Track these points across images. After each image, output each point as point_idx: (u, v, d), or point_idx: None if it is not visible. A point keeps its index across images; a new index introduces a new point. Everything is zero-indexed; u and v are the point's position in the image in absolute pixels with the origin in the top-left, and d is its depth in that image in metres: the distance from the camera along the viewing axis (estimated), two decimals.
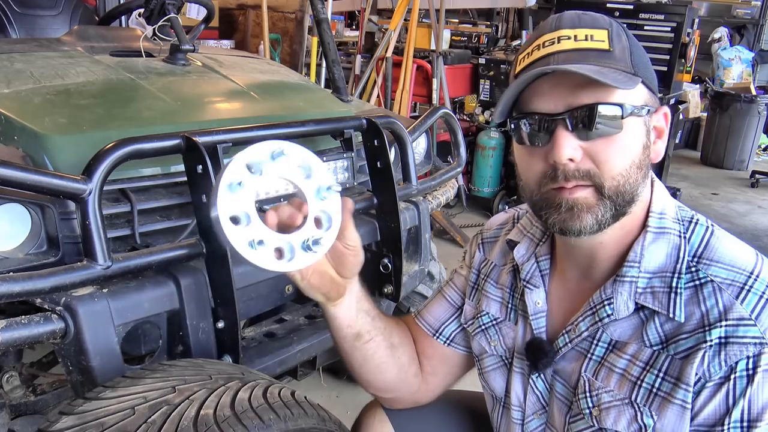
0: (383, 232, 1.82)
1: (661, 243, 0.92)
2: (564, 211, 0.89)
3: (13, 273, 1.16)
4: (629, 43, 0.89)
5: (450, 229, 4.23)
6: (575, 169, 0.86)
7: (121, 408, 0.98)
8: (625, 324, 0.93)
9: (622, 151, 0.87)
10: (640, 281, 0.91)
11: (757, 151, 7.04)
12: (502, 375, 1.10)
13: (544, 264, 1.05)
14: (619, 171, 0.87)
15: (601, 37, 0.87)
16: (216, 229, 0.86)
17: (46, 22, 2.66)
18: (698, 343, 0.85)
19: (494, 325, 1.11)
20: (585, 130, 0.85)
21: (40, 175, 1.19)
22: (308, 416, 1.08)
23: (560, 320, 1.02)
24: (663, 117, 0.94)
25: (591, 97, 0.85)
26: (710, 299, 0.86)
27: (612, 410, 0.91)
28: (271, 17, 4.31)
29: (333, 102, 2.09)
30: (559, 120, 0.86)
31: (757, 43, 8.26)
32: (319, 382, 2.59)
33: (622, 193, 0.87)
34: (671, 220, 0.94)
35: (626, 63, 0.87)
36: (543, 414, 1.04)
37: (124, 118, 1.57)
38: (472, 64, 5.02)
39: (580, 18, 0.90)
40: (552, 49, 0.87)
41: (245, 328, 1.72)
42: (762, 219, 5.15)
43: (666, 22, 4.40)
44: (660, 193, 0.96)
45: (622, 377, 0.91)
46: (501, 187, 4.78)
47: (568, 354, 0.99)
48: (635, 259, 0.92)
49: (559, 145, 0.85)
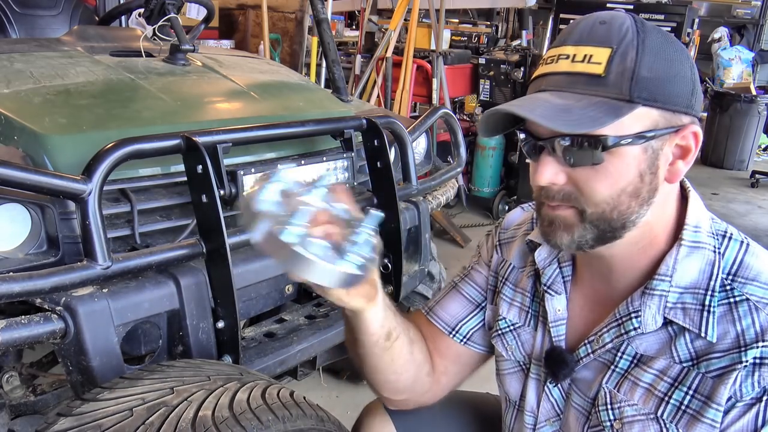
0: (383, 232, 1.82)
1: (695, 258, 0.89)
2: (546, 225, 0.90)
3: (13, 273, 1.16)
4: (635, 64, 0.82)
5: (450, 229, 4.23)
6: (558, 191, 0.86)
7: (118, 409, 0.97)
8: (652, 338, 0.90)
9: (607, 180, 0.84)
10: (671, 296, 0.88)
11: (757, 151, 7.04)
12: (518, 380, 1.09)
13: (566, 270, 1.03)
14: (602, 198, 0.84)
15: (599, 59, 0.82)
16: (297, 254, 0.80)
17: (46, 22, 2.66)
18: (733, 363, 0.83)
19: (512, 330, 1.09)
20: (565, 158, 0.84)
21: (40, 175, 1.19)
22: (307, 417, 1.08)
23: (581, 329, 1.00)
24: (692, 136, 0.86)
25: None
26: (746, 318, 0.84)
27: (636, 425, 0.89)
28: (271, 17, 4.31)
29: (333, 102, 2.09)
30: (543, 144, 0.86)
31: (757, 43, 8.27)
32: (319, 382, 2.59)
33: (607, 220, 0.86)
34: (706, 234, 0.90)
35: (619, 89, 0.81)
36: (556, 422, 1.03)
37: (124, 118, 1.57)
38: (472, 64, 5.01)
39: (591, 31, 0.85)
40: (550, 68, 0.86)
41: (245, 328, 1.72)
42: (762, 219, 5.15)
43: (666, 22, 4.40)
44: (695, 206, 0.92)
45: (648, 392, 0.89)
46: (501, 187, 4.77)
47: (589, 364, 0.97)
48: (667, 273, 0.89)
49: (540, 170, 0.86)
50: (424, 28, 4.76)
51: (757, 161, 6.96)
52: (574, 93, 0.83)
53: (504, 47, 5.31)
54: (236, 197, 1.47)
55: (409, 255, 1.95)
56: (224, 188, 1.43)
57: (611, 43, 0.83)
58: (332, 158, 1.72)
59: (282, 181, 0.87)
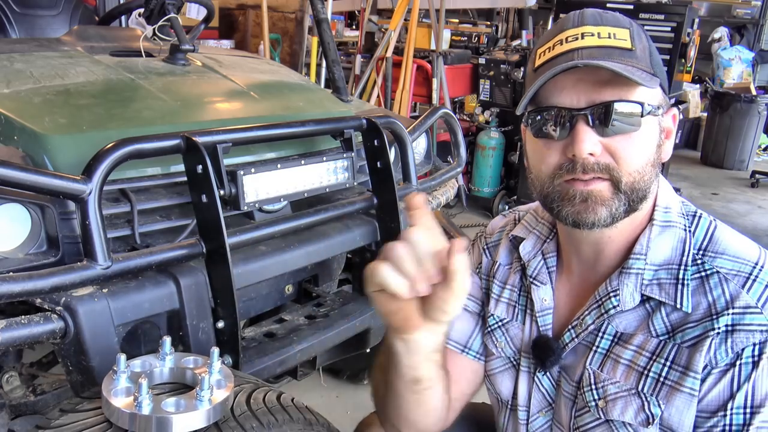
0: (383, 232, 1.82)
1: (667, 236, 0.93)
2: (578, 203, 0.89)
3: (13, 273, 1.16)
4: (648, 44, 0.90)
5: (450, 229, 4.22)
6: (595, 162, 0.88)
7: (98, 421, 0.97)
8: (631, 316, 0.94)
9: (640, 148, 0.88)
10: (647, 273, 0.92)
11: (757, 151, 7.04)
12: (510, 377, 1.09)
13: (551, 261, 1.05)
14: (635, 168, 0.88)
15: (624, 36, 0.88)
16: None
17: (46, 22, 2.66)
18: (706, 331, 0.86)
19: (500, 326, 1.10)
20: (605, 127, 0.87)
21: (40, 175, 1.19)
22: (294, 421, 1.07)
23: (566, 317, 1.02)
24: (672, 118, 0.95)
25: (613, 95, 0.86)
26: (717, 289, 0.88)
27: (618, 401, 0.92)
28: (271, 17, 4.31)
29: (333, 102, 2.09)
30: (580, 115, 0.87)
31: (757, 43, 8.26)
32: (319, 382, 2.59)
33: (636, 190, 0.89)
34: (676, 214, 0.95)
35: (647, 63, 0.88)
36: (549, 411, 1.04)
37: (124, 118, 1.57)
38: (472, 64, 5.01)
39: (602, 16, 0.91)
40: (576, 44, 0.88)
41: (245, 328, 1.72)
42: (762, 219, 5.15)
43: (666, 22, 4.40)
44: (665, 189, 0.98)
45: (629, 368, 0.92)
46: (501, 187, 4.78)
47: (575, 349, 0.99)
48: (641, 252, 0.93)
49: (580, 139, 0.87)
50: (424, 28, 4.76)
51: (757, 161, 6.97)
52: (613, 61, 0.85)
53: (504, 47, 5.31)
54: (236, 197, 1.47)
55: None
56: (224, 188, 1.43)
57: (625, 24, 0.90)
58: (332, 158, 1.72)
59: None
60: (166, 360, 1.05)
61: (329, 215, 1.69)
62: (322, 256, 1.71)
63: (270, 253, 1.55)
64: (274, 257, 1.55)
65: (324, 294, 1.89)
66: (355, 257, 1.91)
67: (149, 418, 0.91)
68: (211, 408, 0.95)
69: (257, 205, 1.54)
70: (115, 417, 0.93)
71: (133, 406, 0.92)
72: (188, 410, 0.93)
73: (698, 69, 6.73)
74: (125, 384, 0.96)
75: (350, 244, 1.76)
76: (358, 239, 1.78)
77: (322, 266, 1.91)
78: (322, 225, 1.70)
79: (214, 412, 0.96)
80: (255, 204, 1.52)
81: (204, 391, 0.95)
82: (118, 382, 0.96)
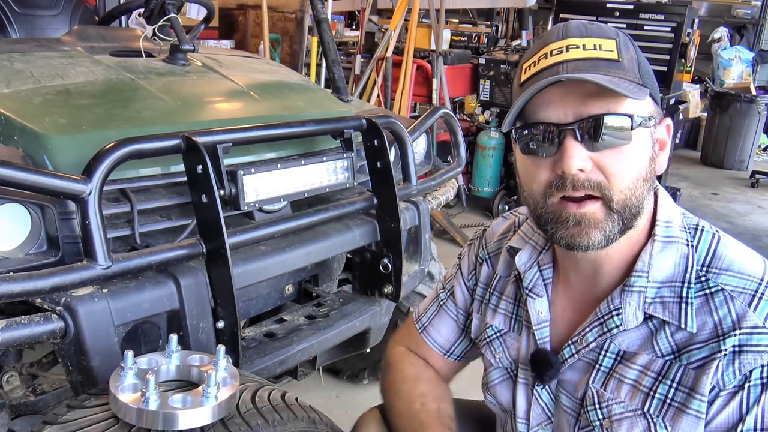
0: (383, 232, 1.82)
1: (669, 252, 0.91)
2: (572, 226, 0.88)
3: (13, 273, 1.16)
4: (636, 54, 0.88)
5: (450, 229, 4.23)
6: (585, 179, 0.85)
7: (105, 417, 0.97)
8: (634, 334, 0.91)
9: (631, 162, 0.86)
10: (649, 291, 0.90)
11: (757, 151, 7.04)
12: (508, 387, 1.09)
13: (547, 273, 1.04)
14: (626, 184, 0.86)
15: (610, 47, 0.86)
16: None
17: (46, 22, 2.66)
18: (712, 353, 0.84)
19: (498, 337, 1.10)
20: (594, 141, 0.84)
21: (40, 175, 1.19)
22: (298, 420, 1.08)
23: (565, 330, 1.00)
24: (666, 129, 0.93)
25: (601, 107, 0.84)
26: (722, 308, 0.86)
27: (624, 422, 0.90)
28: (271, 17, 4.31)
29: (333, 102, 2.09)
30: (568, 130, 0.85)
31: (757, 43, 8.26)
32: (319, 382, 2.59)
33: (629, 207, 0.87)
34: (678, 228, 0.93)
35: (635, 73, 0.86)
36: (548, 425, 1.03)
37: (124, 118, 1.57)
38: (472, 64, 5.01)
39: (587, 27, 0.89)
40: (561, 57, 0.86)
41: (245, 328, 1.72)
42: (762, 219, 5.14)
43: (666, 22, 4.40)
44: (665, 202, 0.95)
45: (634, 388, 0.90)
46: (501, 187, 4.78)
47: (575, 365, 0.97)
48: (643, 269, 0.90)
49: (568, 155, 0.84)
50: (424, 28, 4.76)
51: (757, 161, 6.97)
52: (598, 73, 0.84)
53: (504, 47, 5.32)
54: (236, 197, 1.47)
55: (409, 255, 1.95)
56: (224, 188, 1.43)
57: (611, 35, 0.88)
58: (332, 158, 1.72)
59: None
60: (172, 357, 1.06)
61: (329, 215, 1.69)
62: (322, 256, 1.71)
63: (270, 253, 1.55)
64: (274, 257, 1.55)
65: (324, 294, 1.89)
66: (355, 257, 1.92)
67: (156, 413, 0.92)
68: (217, 405, 0.96)
69: (257, 205, 1.54)
70: (123, 412, 0.94)
71: (141, 402, 0.93)
72: (195, 406, 0.94)
73: (698, 69, 6.73)
74: (132, 380, 0.98)
75: (350, 244, 1.76)
76: (358, 239, 1.78)
77: (322, 266, 1.91)
78: (322, 225, 1.70)
79: (220, 409, 0.97)
80: (255, 204, 1.52)
81: (210, 388, 0.96)
82: (125, 378, 0.97)
